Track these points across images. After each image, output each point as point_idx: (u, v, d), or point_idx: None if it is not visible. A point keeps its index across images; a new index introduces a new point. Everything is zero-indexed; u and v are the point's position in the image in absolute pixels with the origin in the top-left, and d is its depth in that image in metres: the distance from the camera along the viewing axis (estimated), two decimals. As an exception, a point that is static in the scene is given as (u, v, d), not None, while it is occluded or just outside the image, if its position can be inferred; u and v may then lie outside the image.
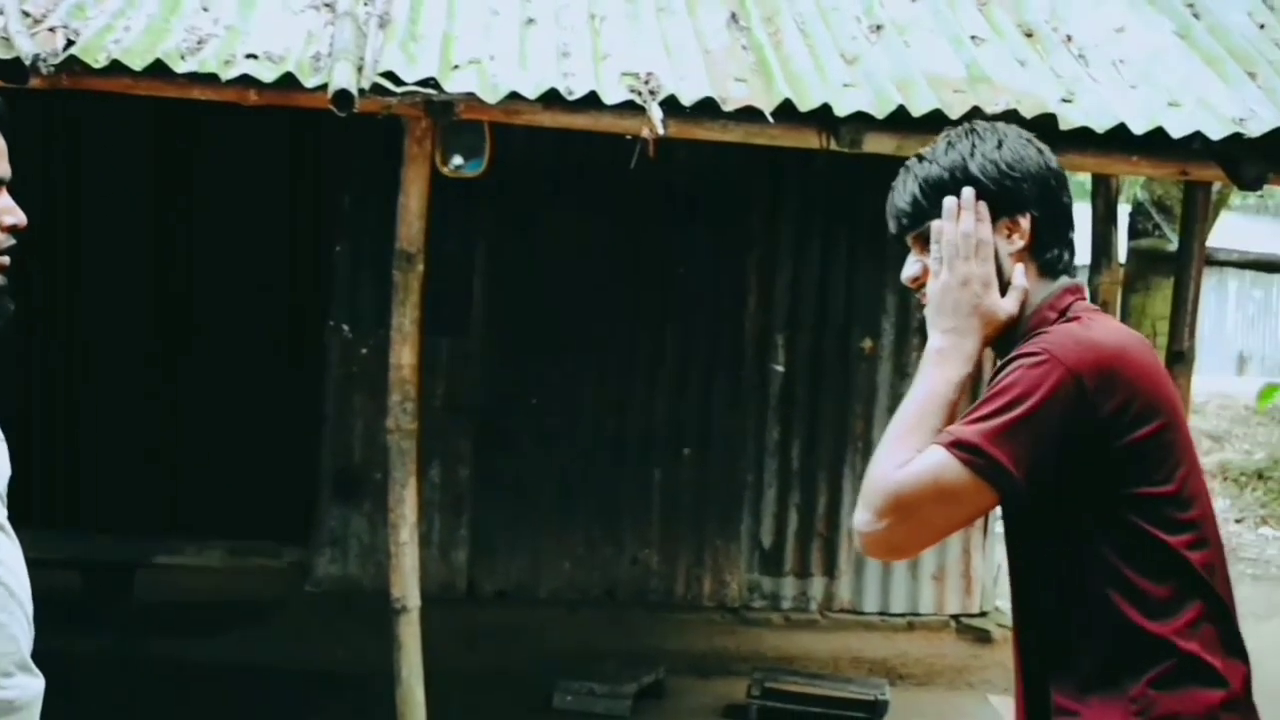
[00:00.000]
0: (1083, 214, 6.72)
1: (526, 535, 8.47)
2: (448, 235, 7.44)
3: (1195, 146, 5.27)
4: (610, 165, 5.31)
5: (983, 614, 8.74)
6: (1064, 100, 5.28)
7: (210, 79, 4.87)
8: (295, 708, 7.00)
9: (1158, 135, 5.16)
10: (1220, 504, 15.15)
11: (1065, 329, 2.49)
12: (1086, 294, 2.65)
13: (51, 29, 4.91)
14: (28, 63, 4.72)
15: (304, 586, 8.37)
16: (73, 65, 4.77)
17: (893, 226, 2.69)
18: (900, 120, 5.10)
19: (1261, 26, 5.98)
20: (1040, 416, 2.39)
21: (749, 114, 5.02)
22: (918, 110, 5.07)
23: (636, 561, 8.58)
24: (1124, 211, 8.66)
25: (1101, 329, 2.50)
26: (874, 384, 8.46)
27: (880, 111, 5.07)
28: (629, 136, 5.06)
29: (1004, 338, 2.57)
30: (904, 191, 2.65)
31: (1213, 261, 7.15)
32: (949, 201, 2.56)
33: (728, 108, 4.98)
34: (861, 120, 5.10)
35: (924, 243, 2.63)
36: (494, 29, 5.36)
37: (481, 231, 8.23)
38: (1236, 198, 14.27)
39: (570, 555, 8.53)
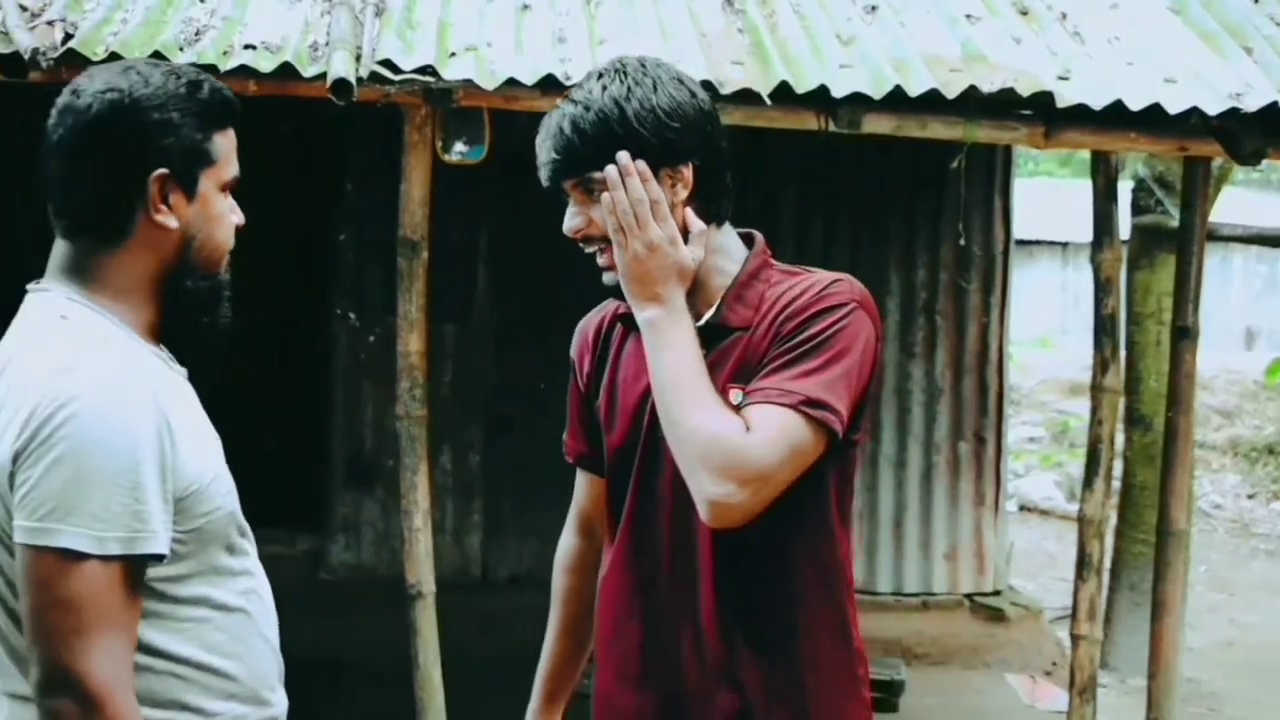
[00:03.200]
0: (1083, 191, 6.73)
1: (538, 519, 8.48)
2: (451, 222, 7.48)
3: (1193, 122, 5.26)
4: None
5: (996, 593, 8.74)
6: (1060, 78, 5.28)
7: (209, 70, 4.88)
8: (313, 696, 7.03)
9: (1155, 111, 5.15)
10: (1231, 479, 15.16)
11: (845, 278, 2.58)
12: None
13: (50, 22, 4.92)
14: (26, 57, 4.75)
15: (318, 574, 8.41)
16: (72, 58, 4.78)
17: (546, 175, 2.58)
18: (897, 100, 5.11)
19: (1256, 1, 5.97)
20: (861, 364, 2.52)
21: (746, 97, 5.03)
22: (915, 90, 5.08)
23: (647, 544, 8.61)
24: (1126, 188, 8.67)
25: None
26: (880, 364, 8.44)
27: (877, 92, 5.08)
28: (627, 121, 5.08)
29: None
30: (558, 139, 2.53)
31: (1217, 237, 7.14)
32: (611, 171, 2.47)
33: (725, 90, 4.99)
34: (859, 101, 5.10)
35: (584, 192, 2.55)
36: (489, 15, 5.37)
37: (484, 218, 8.26)
38: (1240, 173, 14.25)
39: (581, 539, 8.55)
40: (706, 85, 5.06)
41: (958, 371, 8.62)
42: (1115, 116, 5.20)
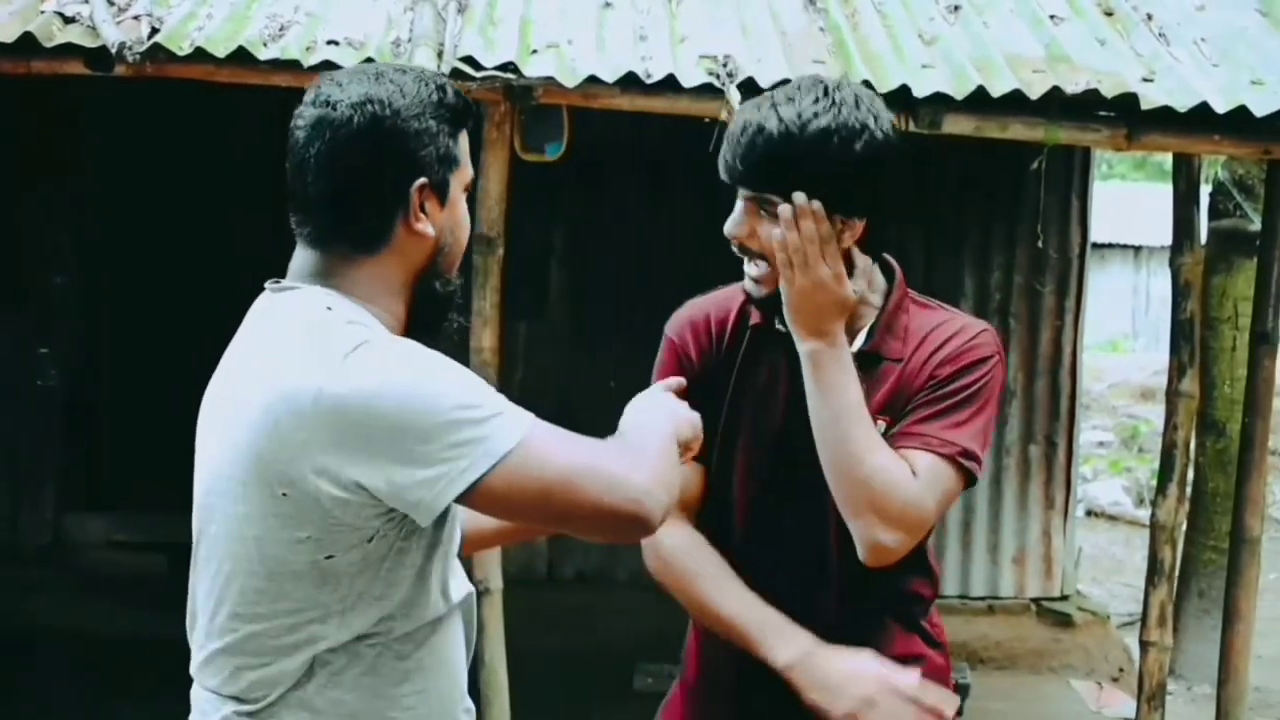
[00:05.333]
0: (1157, 195, 6.67)
1: (606, 518, 8.49)
2: (526, 219, 7.48)
3: (1279, 125, 5.21)
4: (690, 148, 5.31)
5: (1063, 598, 8.67)
6: (1145, 80, 5.24)
7: (292, 65, 4.91)
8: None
9: (1240, 114, 5.10)
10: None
11: (988, 328, 2.67)
12: None
13: (136, 17, 4.98)
14: (113, 51, 4.80)
15: (386, 569, 8.42)
16: (157, 53, 4.83)
17: (725, 175, 2.55)
18: (979, 101, 5.08)
19: (1347, 2, 5.91)
20: (996, 415, 2.66)
21: (827, 96, 5.00)
22: (997, 91, 5.05)
23: (715, 544, 8.59)
24: (1204, 192, 8.59)
25: None
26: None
27: (959, 92, 5.05)
28: (707, 120, 5.07)
29: None
30: (751, 153, 2.49)
31: (1297, 241, 7.04)
32: (785, 211, 2.45)
33: (805, 90, 4.97)
34: (940, 101, 5.07)
35: (757, 206, 2.50)
36: (571, 13, 5.38)
37: (559, 215, 8.26)
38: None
39: (649, 538, 8.54)
40: (783, 84, 5.06)
41: (1030, 374, 8.56)
42: (1199, 119, 5.15)
